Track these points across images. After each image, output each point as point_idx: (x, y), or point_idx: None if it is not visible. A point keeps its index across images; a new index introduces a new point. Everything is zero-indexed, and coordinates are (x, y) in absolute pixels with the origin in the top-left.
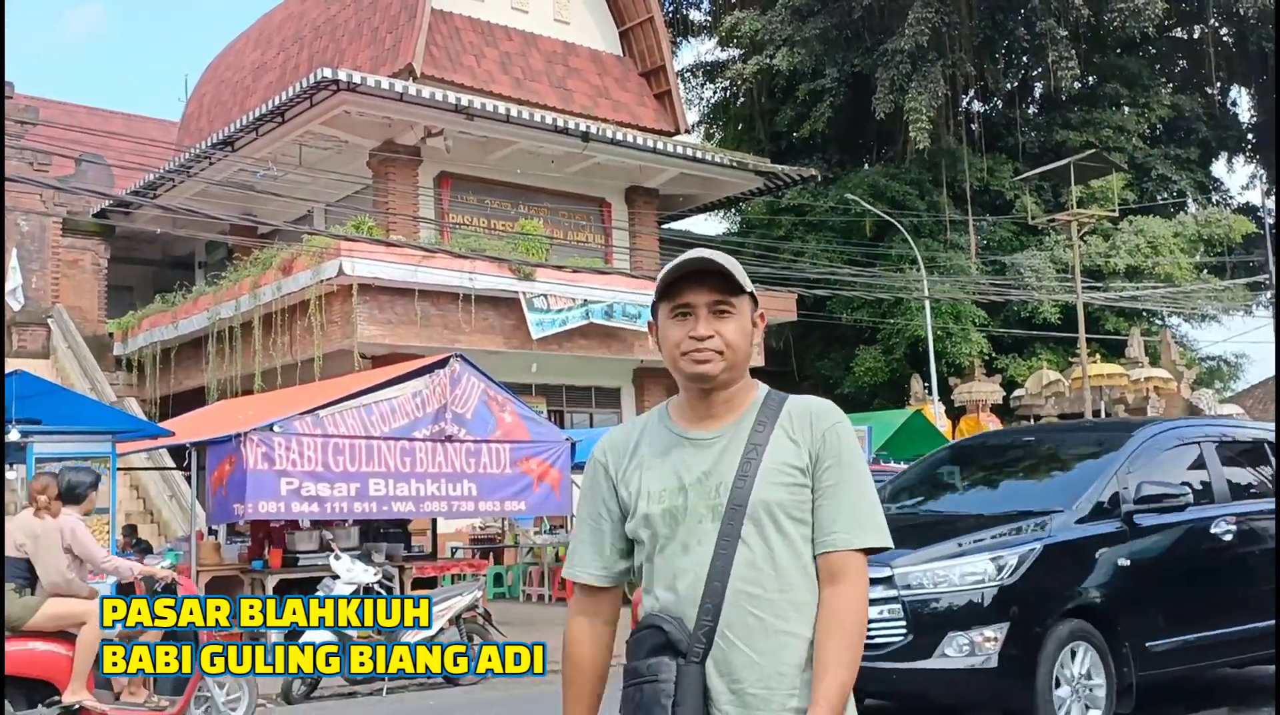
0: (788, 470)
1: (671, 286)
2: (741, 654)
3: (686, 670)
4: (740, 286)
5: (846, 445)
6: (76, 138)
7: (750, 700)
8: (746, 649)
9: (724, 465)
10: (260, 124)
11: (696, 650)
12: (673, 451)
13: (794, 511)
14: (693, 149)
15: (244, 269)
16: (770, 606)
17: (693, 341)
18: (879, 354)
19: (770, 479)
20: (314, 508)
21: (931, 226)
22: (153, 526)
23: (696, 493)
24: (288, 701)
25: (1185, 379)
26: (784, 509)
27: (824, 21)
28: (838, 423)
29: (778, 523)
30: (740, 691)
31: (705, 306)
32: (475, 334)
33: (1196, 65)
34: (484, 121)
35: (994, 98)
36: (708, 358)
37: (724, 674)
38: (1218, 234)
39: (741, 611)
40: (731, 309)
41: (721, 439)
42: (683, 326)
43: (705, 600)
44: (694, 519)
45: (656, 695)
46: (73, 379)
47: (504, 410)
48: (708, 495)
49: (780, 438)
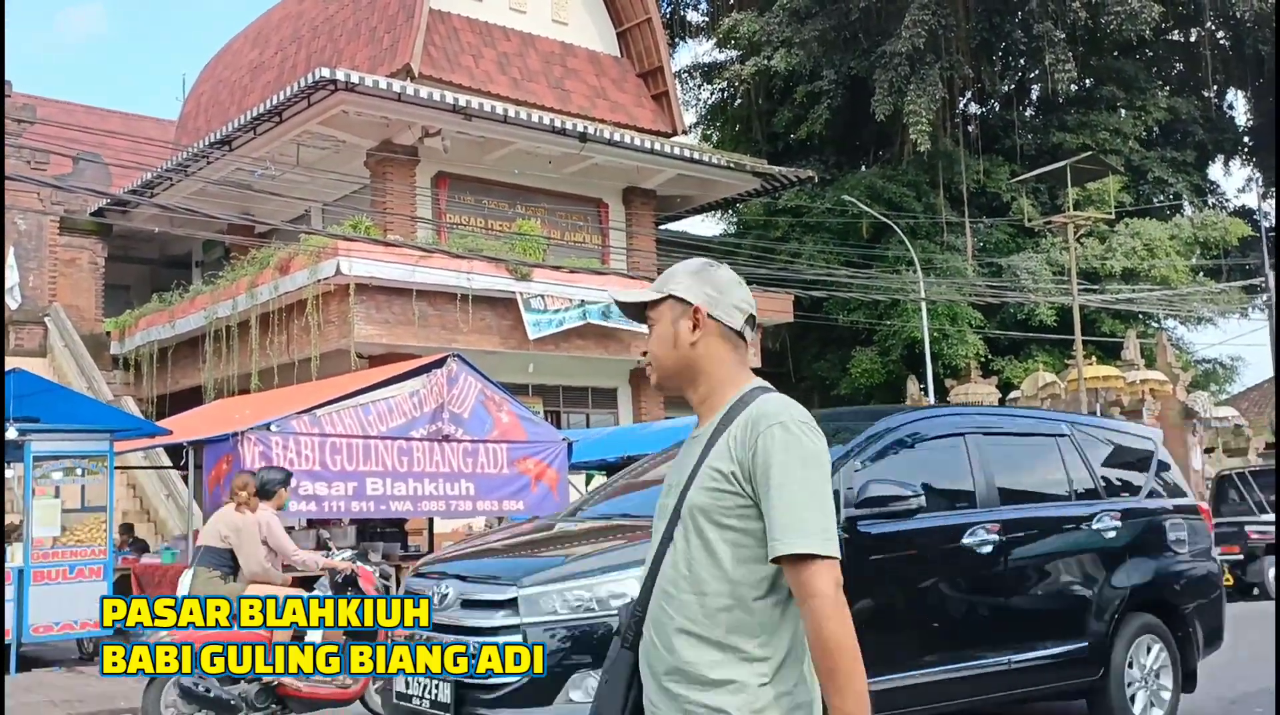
0: (715, 475)
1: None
2: (654, 647)
3: (620, 654)
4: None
5: (778, 449)
6: (74, 137)
7: (663, 690)
8: (658, 643)
9: (686, 465)
10: (258, 123)
11: (628, 637)
12: (684, 449)
13: (715, 516)
14: (690, 150)
15: (241, 268)
16: (679, 606)
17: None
18: (875, 355)
19: (700, 483)
20: (311, 507)
21: (928, 228)
22: (150, 526)
23: (671, 491)
24: None
25: (1181, 381)
26: (705, 513)
27: (822, 23)
28: (773, 425)
29: (698, 526)
30: (657, 679)
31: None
32: (472, 334)
33: (1193, 68)
34: (481, 122)
35: (991, 100)
36: (648, 372)
37: (646, 661)
38: (1214, 237)
39: (659, 608)
40: (652, 321)
41: (697, 440)
42: None
43: (642, 592)
44: (661, 515)
45: (601, 672)
46: (69, 377)
47: (501, 410)
48: (670, 494)
49: (722, 442)
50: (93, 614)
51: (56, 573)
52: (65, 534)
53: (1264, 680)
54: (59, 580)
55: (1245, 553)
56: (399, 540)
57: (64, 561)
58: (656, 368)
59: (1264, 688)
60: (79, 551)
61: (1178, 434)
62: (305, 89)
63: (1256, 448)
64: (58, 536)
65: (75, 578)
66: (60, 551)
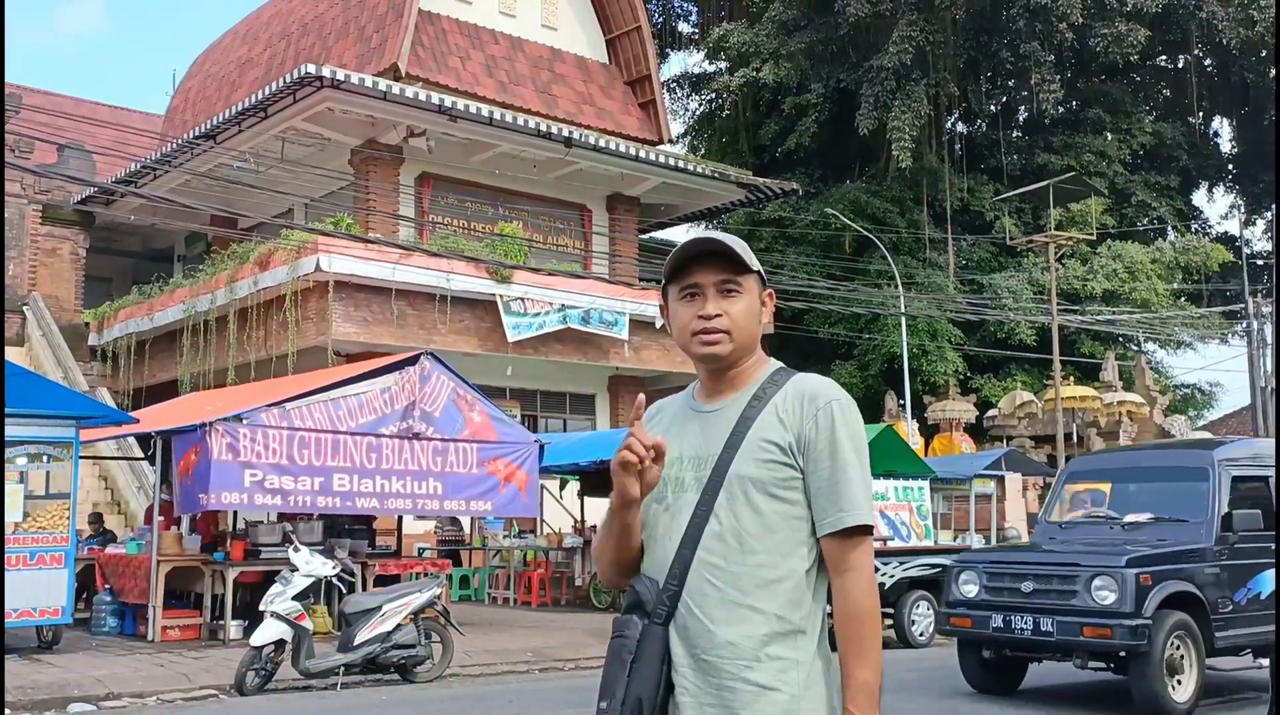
0: (768, 446)
1: (680, 268)
2: (698, 621)
3: (650, 630)
4: (747, 265)
5: (839, 425)
6: (61, 126)
7: (704, 666)
8: (703, 616)
9: (715, 438)
10: (243, 118)
11: (660, 612)
12: (684, 423)
13: (769, 487)
14: (675, 159)
15: (221, 263)
16: (730, 578)
17: (701, 321)
18: (855, 369)
19: (750, 454)
20: (277, 500)
21: (911, 244)
22: (120, 517)
23: (691, 464)
24: (241, 693)
25: (1159, 405)
26: (759, 485)
27: (810, 36)
28: (831, 402)
29: (750, 497)
30: (696, 656)
31: (713, 286)
32: (451, 335)
33: (1179, 94)
34: (467, 123)
35: (977, 119)
36: (716, 339)
37: (683, 638)
38: (1195, 262)
39: (701, 580)
40: (739, 288)
41: (721, 412)
42: (691, 307)
43: (674, 565)
44: (680, 487)
45: (620, 650)
46: (46, 367)
47: (473, 410)
48: (697, 466)
49: (769, 413)
50: (53, 601)
51: (17, 559)
52: (27, 520)
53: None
54: (19, 567)
55: None
56: (367, 537)
57: (25, 548)
58: (737, 338)
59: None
60: (40, 538)
61: None
62: (291, 85)
63: None
64: (19, 522)
65: (36, 565)
66: (21, 538)
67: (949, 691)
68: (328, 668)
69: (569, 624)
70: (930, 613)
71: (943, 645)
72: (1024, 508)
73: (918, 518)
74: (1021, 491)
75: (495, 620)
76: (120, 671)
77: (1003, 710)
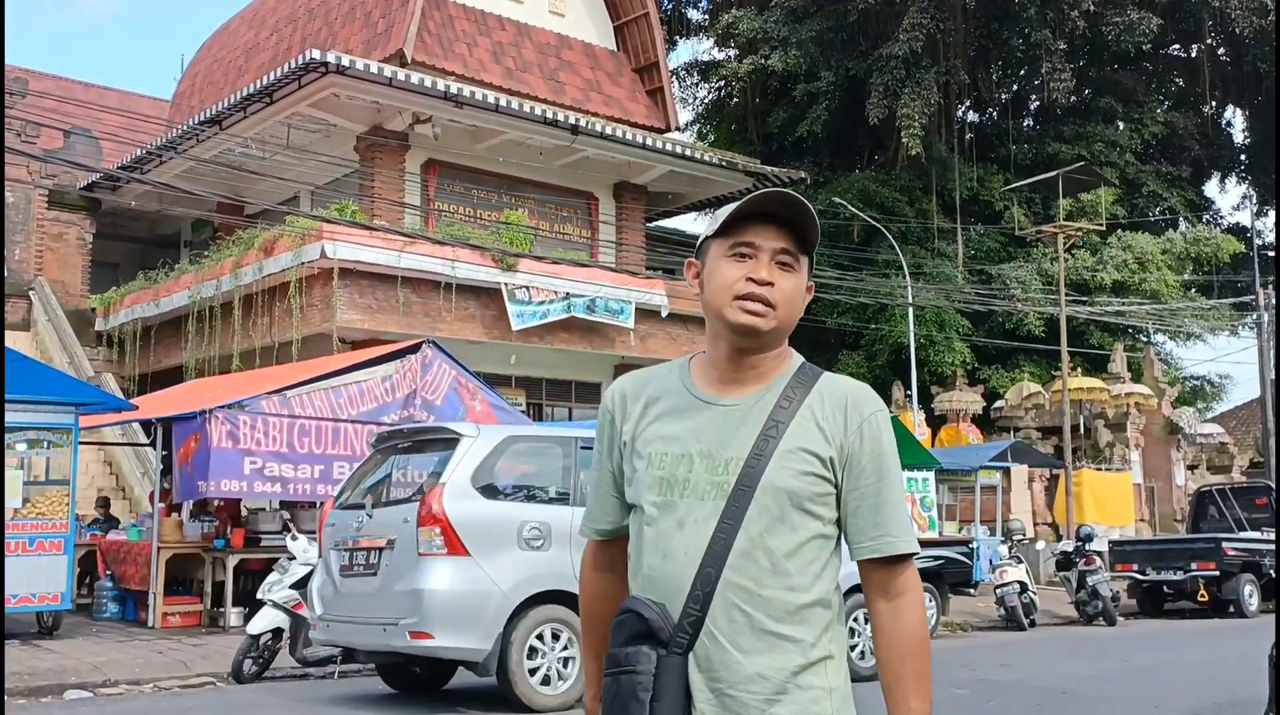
0: (808, 457)
1: (735, 223)
2: (724, 651)
3: (667, 663)
4: (810, 244)
5: (886, 439)
6: (69, 111)
7: (728, 701)
8: (730, 646)
9: (739, 439)
10: (248, 103)
11: (680, 641)
12: (685, 414)
13: (805, 502)
14: (683, 147)
15: (226, 249)
16: (763, 605)
17: (750, 284)
18: (862, 359)
19: (787, 463)
20: (276, 488)
21: (919, 234)
22: (124, 502)
23: (704, 465)
24: (238, 681)
25: (1167, 397)
26: (794, 498)
27: (820, 24)
28: (876, 412)
29: (785, 514)
30: (719, 691)
31: (771, 252)
32: (456, 323)
33: (1192, 83)
34: (473, 110)
35: (988, 108)
36: (761, 311)
37: (704, 669)
38: (1206, 253)
39: (729, 605)
40: (795, 265)
41: (741, 408)
42: (740, 267)
43: (696, 587)
44: (695, 494)
45: (634, 688)
46: (51, 352)
47: (474, 398)
48: (715, 470)
49: (805, 419)
50: (53, 587)
51: (17, 545)
52: (26, 506)
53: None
54: (19, 552)
55: (1221, 570)
56: None
57: (24, 534)
58: (781, 317)
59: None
60: (39, 524)
61: (1162, 449)
62: (296, 70)
63: (1240, 466)
64: (18, 508)
65: (35, 551)
66: (21, 524)
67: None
68: (325, 656)
69: None
70: (934, 604)
71: (944, 636)
72: (1029, 500)
73: (920, 510)
74: (1027, 483)
75: None
76: (118, 658)
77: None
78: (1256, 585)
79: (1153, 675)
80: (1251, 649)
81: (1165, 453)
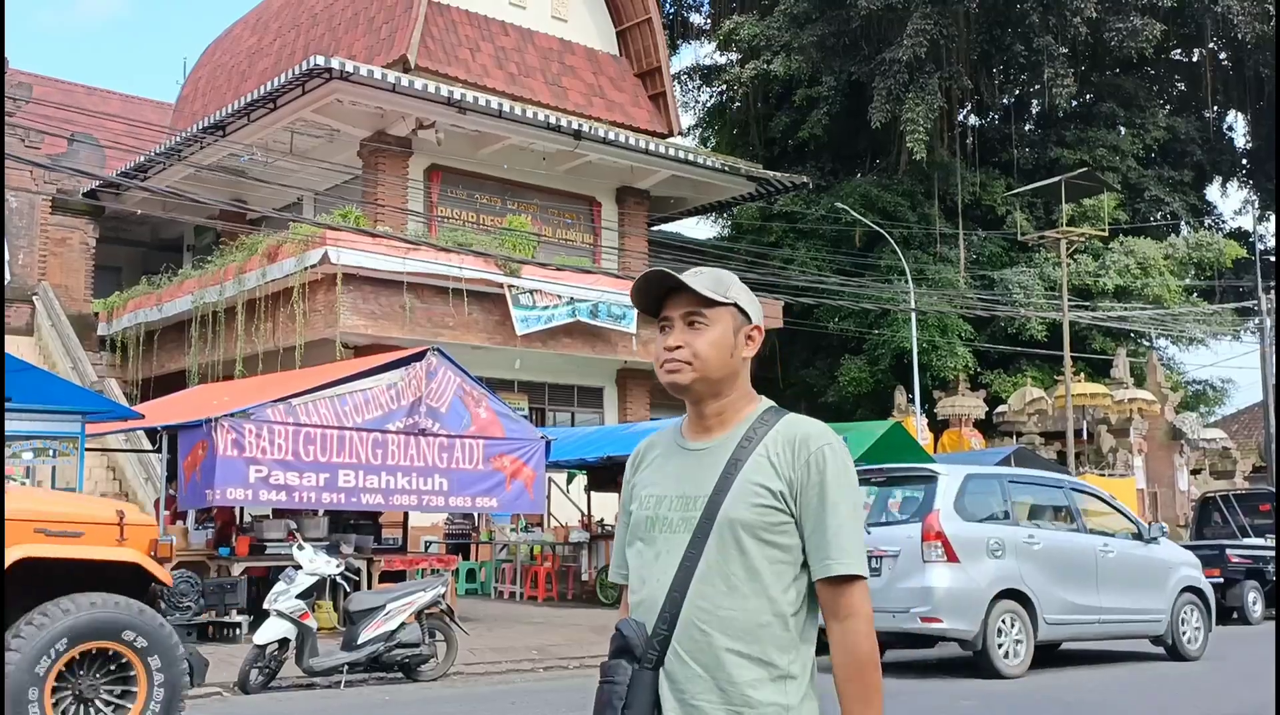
0: (759, 491)
1: (654, 306)
2: (687, 667)
3: (640, 676)
4: (711, 299)
5: (831, 470)
6: (71, 117)
7: (692, 712)
8: (692, 662)
9: (705, 478)
10: (252, 109)
11: (650, 657)
12: (671, 460)
13: (760, 532)
14: (685, 152)
15: (229, 254)
16: (718, 624)
17: (665, 352)
18: (864, 364)
19: (742, 497)
20: (282, 496)
21: (922, 238)
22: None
23: (679, 503)
24: (244, 691)
25: (1170, 402)
26: (749, 529)
27: (822, 29)
28: (824, 446)
29: (740, 542)
30: (684, 701)
31: (679, 318)
32: (459, 328)
33: (1194, 88)
34: (476, 115)
35: (990, 113)
36: (676, 368)
37: (672, 682)
38: (1208, 258)
39: (690, 625)
40: (704, 321)
41: (710, 451)
42: (663, 338)
43: (665, 609)
44: (669, 529)
45: (610, 697)
46: (55, 357)
47: (479, 406)
48: (686, 507)
49: (760, 456)
50: None
51: None
52: None
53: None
54: None
55: (1225, 576)
56: (373, 533)
57: None
58: (700, 369)
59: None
60: None
61: (1165, 454)
62: (300, 76)
63: (1243, 471)
64: None
65: None
66: None
67: (954, 695)
68: (331, 666)
69: (574, 620)
70: None
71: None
72: None
73: None
74: None
75: (501, 615)
76: None
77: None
78: (1260, 592)
79: (1158, 683)
80: (1256, 656)
81: (1168, 458)
